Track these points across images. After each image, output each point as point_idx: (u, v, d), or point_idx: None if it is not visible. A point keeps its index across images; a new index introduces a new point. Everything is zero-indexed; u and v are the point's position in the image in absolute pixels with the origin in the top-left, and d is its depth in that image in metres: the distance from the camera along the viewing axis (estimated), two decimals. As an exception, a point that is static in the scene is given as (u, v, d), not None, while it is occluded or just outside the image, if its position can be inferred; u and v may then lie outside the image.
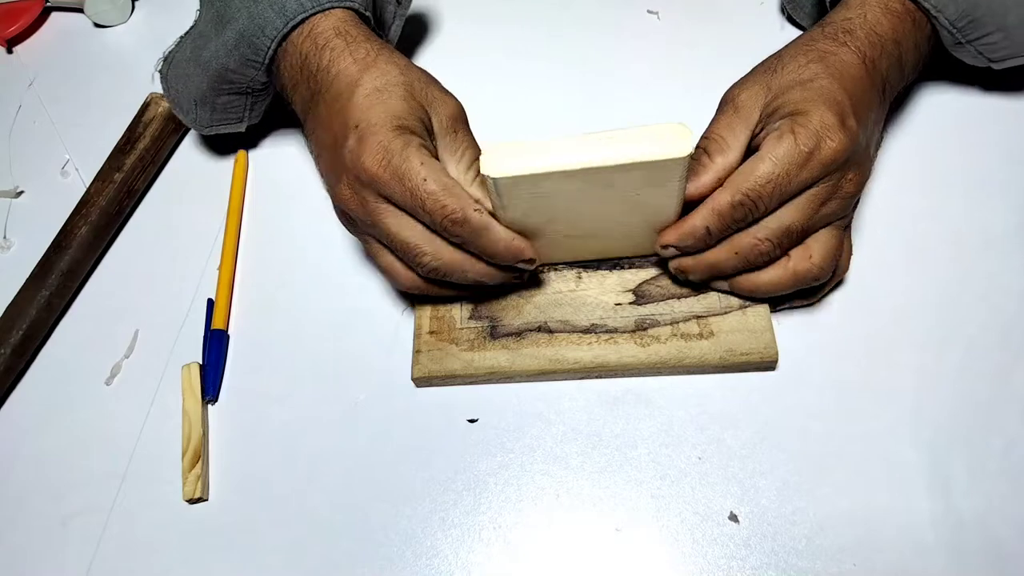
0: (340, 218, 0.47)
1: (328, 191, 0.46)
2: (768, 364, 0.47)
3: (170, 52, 0.55)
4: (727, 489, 0.45)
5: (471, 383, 0.49)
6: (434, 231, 0.43)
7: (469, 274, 0.44)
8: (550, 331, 0.48)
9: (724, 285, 0.47)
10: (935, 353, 0.47)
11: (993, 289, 0.49)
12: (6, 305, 0.54)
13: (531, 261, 0.44)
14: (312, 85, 0.46)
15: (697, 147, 0.44)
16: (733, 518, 0.44)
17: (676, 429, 0.47)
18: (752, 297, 0.47)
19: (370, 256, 0.46)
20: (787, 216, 0.42)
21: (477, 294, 0.49)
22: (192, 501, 0.48)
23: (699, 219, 0.43)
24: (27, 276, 0.54)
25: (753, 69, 0.47)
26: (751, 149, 0.44)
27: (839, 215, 0.44)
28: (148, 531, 0.47)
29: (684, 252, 0.45)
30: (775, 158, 0.41)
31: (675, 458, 0.46)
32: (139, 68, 0.67)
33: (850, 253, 0.48)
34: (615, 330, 0.48)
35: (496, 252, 0.43)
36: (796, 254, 0.44)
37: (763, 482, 0.45)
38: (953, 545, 0.42)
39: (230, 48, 0.50)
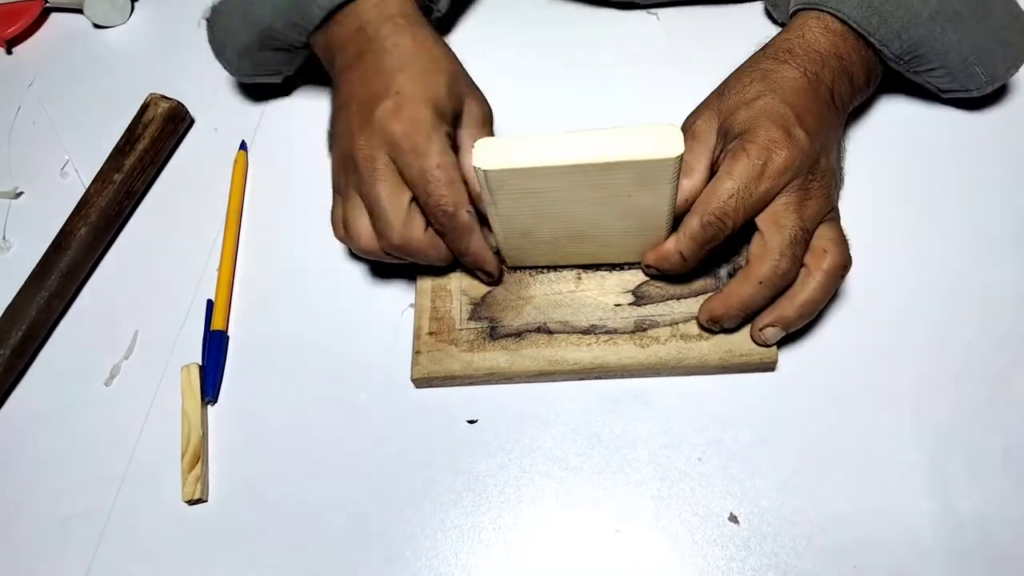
0: (337, 169, 0.48)
1: (339, 141, 0.47)
2: (768, 365, 0.47)
3: (217, 1, 0.57)
4: (727, 490, 0.45)
5: (471, 384, 0.49)
6: (422, 213, 0.45)
7: (428, 258, 0.47)
8: (550, 332, 0.48)
9: (777, 332, 0.46)
10: (935, 354, 0.47)
11: (992, 291, 0.49)
12: (5, 306, 0.54)
13: (490, 275, 0.49)
14: (363, 45, 0.48)
15: None
16: (733, 519, 0.44)
17: (676, 430, 0.47)
18: (801, 322, 0.45)
19: (344, 212, 0.47)
20: (786, 228, 0.43)
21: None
22: (191, 502, 0.47)
23: (672, 244, 0.45)
24: (26, 277, 0.54)
25: (706, 97, 0.49)
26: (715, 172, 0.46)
27: (825, 211, 0.45)
28: (147, 532, 0.47)
29: (664, 274, 0.48)
30: (733, 174, 0.43)
31: (675, 459, 0.46)
32: (139, 69, 0.67)
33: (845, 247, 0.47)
34: (615, 331, 0.48)
35: (466, 254, 0.47)
36: (813, 261, 0.44)
37: (763, 483, 0.45)
38: (953, 546, 0.42)
39: (279, 10, 0.52)
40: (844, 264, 0.44)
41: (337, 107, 0.49)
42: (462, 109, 0.48)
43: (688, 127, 0.48)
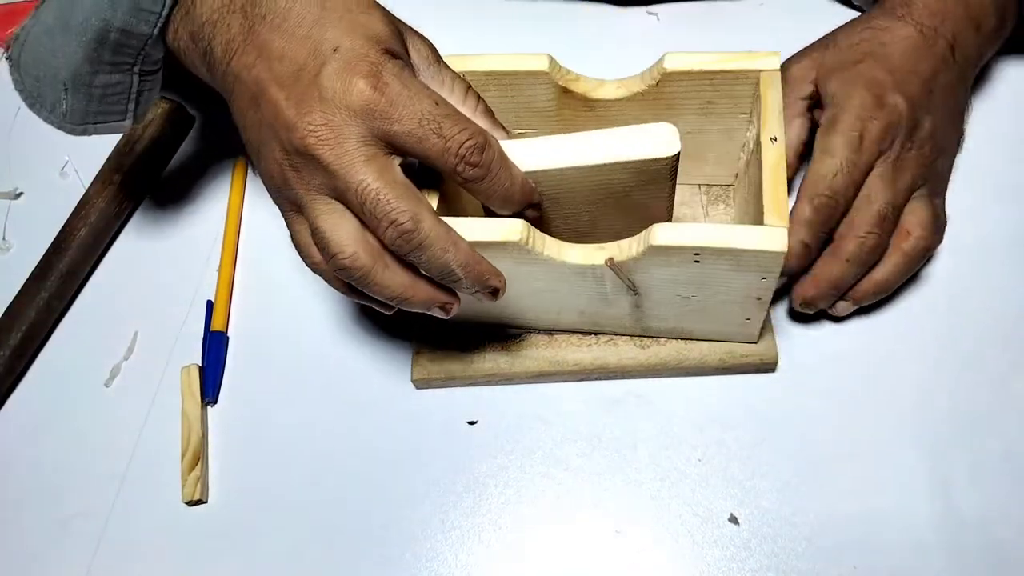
0: (280, 178, 0.36)
1: (270, 143, 0.36)
2: (768, 366, 0.47)
3: (23, 28, 0.43)
4: (727, 491, 0.45)
5: (471, 385, 0.49)
6: (442, 170, 0.37)
7: (388, 288, 0.37)
8: (550, 333, 0.48)
9: (848, 306, 0.46)
10: (936, 355, 0.47)
11: (994, 292, 0.49)
12: (5, 307, 0.53)
13: (537, 207, 0.40)
14: (250, 12, 0.37)
15: None
16: (733, 520, 0.44)
17: (676, 431, 0.47)
18: (876, 300, 0.46)
19: (316, 224, 0.36)
20: (875, 202, 0.43)
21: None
22: (191, 503, 0.47)
23: (792, 238, 0.41)
24: (26, 278, 0.54)
25: (810, 44, 0.48)
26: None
27: (919, 183, 0.44)
28: (147, 533, 0.47)
29: (791, 276, 0.45)
30: (830, 150, 0.42)
31: (675, 460, 0.46)
32: (138, 69, 0.67)
33: (938, 228, 0.46)
34: (615, 332, 0.48)
35: (512, 190, 0.38)
36: (896, 239, 0.44)
37: (763, 484, 0.45)
38: (953, 546, 0.42)
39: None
40: (926, 247, 0.44)
41: (244, 104, 0.37)
42: (407, 45, 0.39)
43: (785, 70, 0.46)
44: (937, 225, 0.44)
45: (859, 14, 0.49)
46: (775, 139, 0.41)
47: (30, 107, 0.44)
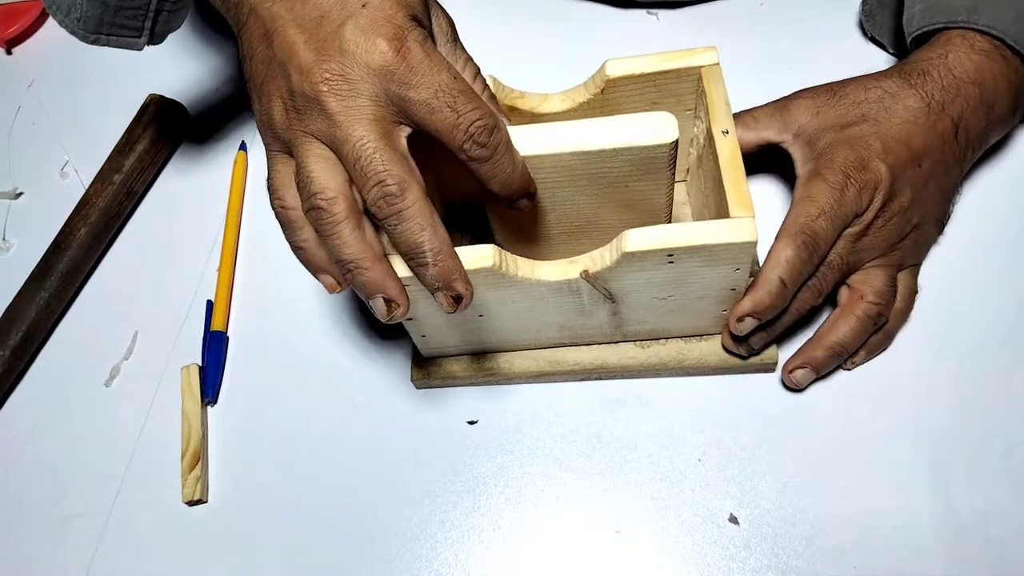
0: (280, 116, 0.36)
1: (276, 81, 0.36)
2: (768, 366, 0.47)
3: None
4: (727, 491, 0.45)
5: (471, 385, 0.49)
6: (453, 148, 0.36)
7: (349, 247, 0.36)
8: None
9: (807, 374, 0.45)
10: (935, 354, 0.47)
11: (993, 291, 0.49)
12: (5, 307, 0.54)
13: (531, 196, 0.40)
14: None
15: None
16: (733, 520, 0.44)
17: (676, 431, 0.47)
18: (831, 363, 0.46)
19: (302, 161, 0.36)
20: (832, 253, 0.43)
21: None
22: (191, 503, 0.47)
23: (771, 273, 0.42)
24: (26, 278, 0.54)
25: (824, 84, 0.47)
26: (774, 151, 0.47)
27: (879, 251, 0.44)
28: (147, 533, 0.47)
29: (762, 321, 0.43)
30: (814, 197, 0.43)
31: (675, 460, 0.46)
32: (138, 69, 0.67)
33: (910, 298, 0.47)
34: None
35: (513, 176, 0.38)
36: (849, 302, 0.45)
37: (763, 484, 0.45)
38: (953, 547, 0.42)
39: None
40: (878, 312, 0.44)
41: (254, 38, 0.37)
42: (431, 18, 0.39)
43: (790, 98, 0.47)
44: (888, 294, 0.45)
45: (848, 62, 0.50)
46: (727, 132, 0.41)
47: (47, 7, 0.45)
